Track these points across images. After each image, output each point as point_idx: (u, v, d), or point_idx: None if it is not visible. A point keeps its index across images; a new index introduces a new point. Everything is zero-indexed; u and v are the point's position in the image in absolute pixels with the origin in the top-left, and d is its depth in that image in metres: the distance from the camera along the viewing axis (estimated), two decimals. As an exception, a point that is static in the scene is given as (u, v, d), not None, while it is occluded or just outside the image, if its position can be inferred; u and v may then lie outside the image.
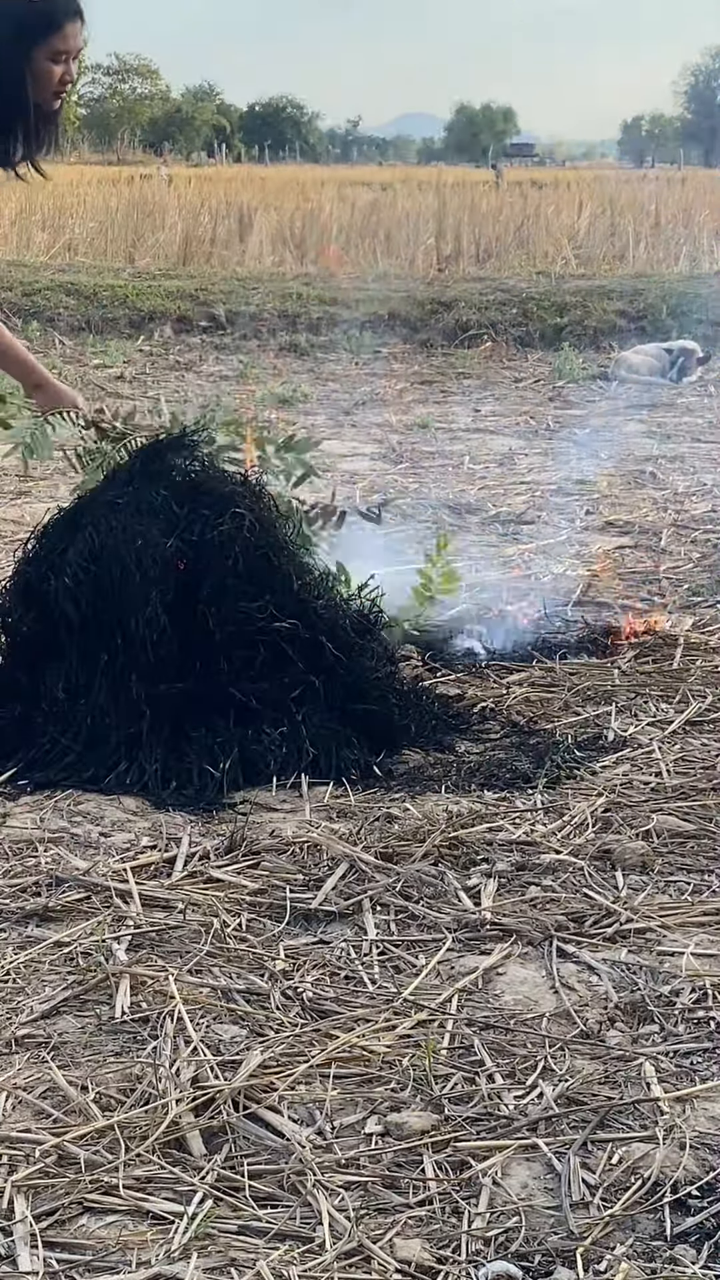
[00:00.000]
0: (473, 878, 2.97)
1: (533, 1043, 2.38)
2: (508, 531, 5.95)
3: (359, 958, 2.66)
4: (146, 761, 3.40)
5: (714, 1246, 1.91)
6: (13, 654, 3.63)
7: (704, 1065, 2.33)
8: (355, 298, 12.60)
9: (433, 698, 3.84)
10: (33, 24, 3.67)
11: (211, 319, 12.12)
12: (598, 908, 2.84)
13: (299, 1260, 1.88)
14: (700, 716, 3.86)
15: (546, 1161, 2.09)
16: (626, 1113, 2.20)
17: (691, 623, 4.64)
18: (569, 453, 7.73)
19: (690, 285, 13.41)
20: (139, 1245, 1.91)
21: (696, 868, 3.04)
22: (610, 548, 5.67)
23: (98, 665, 3.47)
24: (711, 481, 6.96)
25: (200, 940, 2.68)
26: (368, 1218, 1.97)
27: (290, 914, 2.81)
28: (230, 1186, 2.02)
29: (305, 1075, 2.26)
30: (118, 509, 3.53)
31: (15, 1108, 2.19)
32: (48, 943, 2.67)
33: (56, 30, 3.67)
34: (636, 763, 3.56)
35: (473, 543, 5.73)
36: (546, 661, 4.28)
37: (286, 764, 3.45)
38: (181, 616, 3.48)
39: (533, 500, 6.50)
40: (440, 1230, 1.94)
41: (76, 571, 3.49)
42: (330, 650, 3.58)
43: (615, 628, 4.53)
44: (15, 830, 3.15)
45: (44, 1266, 1.87)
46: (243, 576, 3.51)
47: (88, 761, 3.41)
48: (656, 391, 9.89)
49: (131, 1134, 2.12)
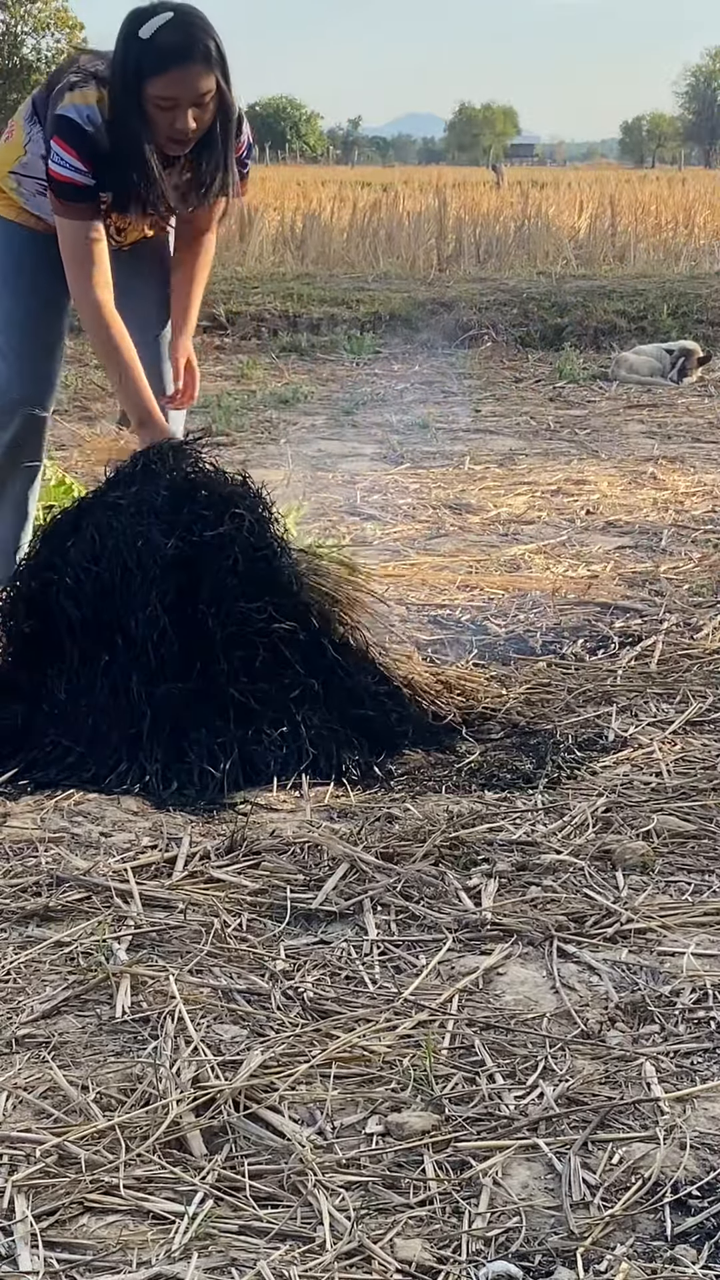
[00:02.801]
0: (473, 878, 2.97)
1: (533, 1043, 2.39)
2: (508, 531, 5.96)
3: (359, 958, 2.66)
4: (147, 762, 3.40)
5: (715, 1246, 1.92)
6: (14, 655, 3.63)
7: (704, 1065, 2.33)
8: (355, 298, 12.60)
9: (432, 698, 3.84)
10: (135, 65, 3.55)
11: (211, 319, 12.12)
12: (598, 908, 2.84)
13: (299, 1260, 1.88)
14: (700, 716, 3.86)
15: (547, 1161, 2.09)
16: (627, 1113, 2.20)
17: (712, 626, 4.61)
18: (569, 453, 7.73)
19: (690, 285, 13.41)
20: (139, 1245, 1.91)
21: (697, 868, 3.04)
22: (610, 548, 5.67)
23: (99, 666, 3.47)
24: (711, 481, 6.96)
25: (201, 940, 2.69)
26: (368, 1218, 1.97)
27: (291, 914, 2.81)
28: (231, 1186, 2.02)
29: (306, 1075, 2.26)
30: (119, 510, 3.53)
31: (15, 1108, 2.19)
32: (48, 943, 2.67)
33: (158, 74, 3.55)
34: (637, 763, 3.56)
35: (473, 543, 5.73)
36: (547, 661, 4.28)
37: (287, 764, 3.45)
38: (182, 617, 3.48)
39: (533, 500, 6.50)
40: (441, 1230, 1.94)
41: (78, 572, 3.49)
42: (332, 652, 3.59)
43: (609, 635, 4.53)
44: (15, 830, 3.15)
45: (44, 1266, 1.87)
46: (243, 577, 3.51)
47: (88, 762, 3.41)
48: (657, 391, 9.89)
49: (132, 1134, 2.12)
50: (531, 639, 4.48)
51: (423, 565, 5.34)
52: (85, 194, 3.67)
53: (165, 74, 3.53)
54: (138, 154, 3.61)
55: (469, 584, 5.09)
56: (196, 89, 3.55)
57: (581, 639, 4.51)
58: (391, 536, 5.80)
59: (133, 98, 3.55)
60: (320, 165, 47.91)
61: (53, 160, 3.65)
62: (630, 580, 5.19)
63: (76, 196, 3.67)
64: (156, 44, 3.52)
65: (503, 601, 4.89)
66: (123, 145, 3.61)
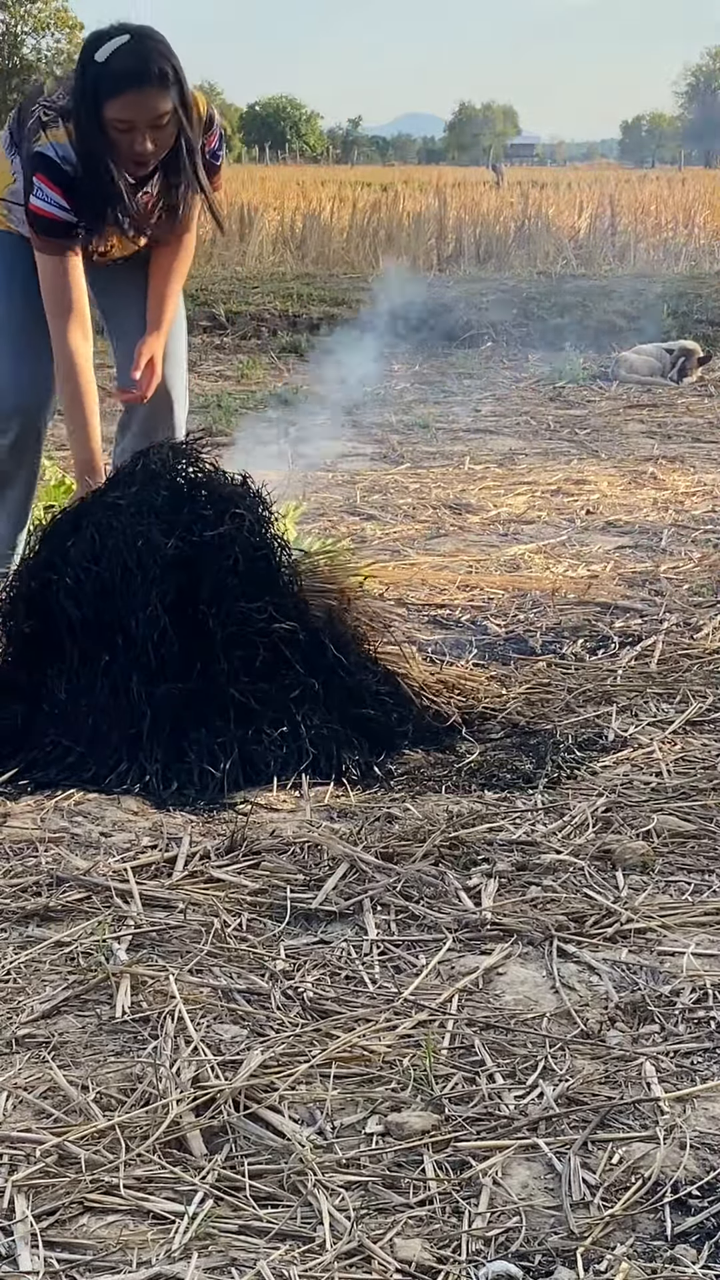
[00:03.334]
0: (473, 878, 2.97)
1: (533, 1043, 2.39)
2: (508, 531, 5.96)
3: (359, 958, 2.66)
4: (147, 762, 3.40)
5: (715, 1246, 1.92)
6: (14, 655, 3.63)
7: (705, 1065, 2.33)
8: (356, 298, 12.60)
9: (432, 698, 3.84)
10: (93, 89, 3.57)
11: (212, 319, 12.13)
12: (598, 908, 2.84)
13: (299, 1260, 1.88)
14: (700, 716, 3.86)
15: (547, 1161, 2.09)
16: (627, 1113, 2.20)
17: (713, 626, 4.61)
18: (569, 453, 7.73)
19: (690, 285, 13.42)
20: (139, 1245, 1.91)
21: (697, 868, 3.04)
22: (610, 548, 5.67)
23: (99, 666, 3.47)
24: (711, 481, 6.96)
25: (201, 940, 2.69)
26: (368, 1218, 1.97)
27: (291, 914, 2.81)
28: (231, 1186, 2.02)
29: (306, 1075, 2.26)
30: (119, 510, 3.53)
31: (16, 1108, 2.19)
32: (48, 943, 2.67)
33: (113, 97, 3.56)
34: (637, 763, 3.56)
35: (473, 543, 5.73)
36: (547, 661, 4.28)
37: (287, 764, 3.45)
38: (182, 617, 3.48)
39: (533, 500, 6.50)
40: (440, 1230, 1.94)
41: (78, 572, 3.49)
42: (332, 652, 3.59)
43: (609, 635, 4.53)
44: (15, 830, 3.15)
45: (44, 1266, 1.87)
46: (243, 577, 3.51)
47: (89, 762, 3.41)
48: (657, 391, 9.89)
49: (132, 1134, 2.12)
50: (531, 639, 4.48)
51: (423, 565, 5.34)
52: (64, 228, 3.76)
53: (120, 96, 3.57)
54: (106, 178, 3.68)
55: (469, 584, 5.09)
56: (153, 111, 3.59)
57: (581, 639, 4.50)
58: (391, 536, 5.80)
59: (94, 121, 3.61)
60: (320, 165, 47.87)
61: (35, 195, 3.74)
62: (630, 580, 5.19)
63: (57, 231, 3.76)
64: (112, 68, 3.56)
65: (503, 601, 4.89)
66: (91, 172, 3.67)
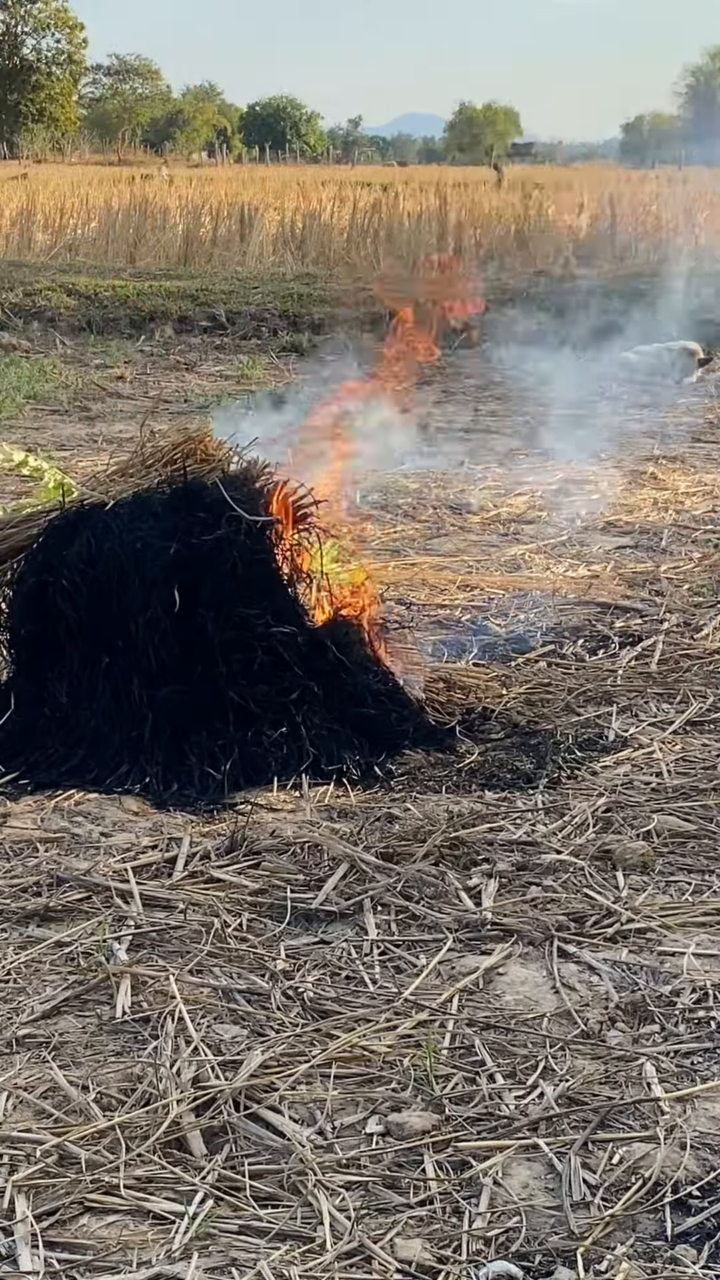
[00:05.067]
0: (473, 878, 2.97)
1: (533, 1043, 2.39)
2: (508, 531, 5.95)
3: (360, 958, 2.66)
4: (148, 763, 3.40)
5: (715, 1246, 1.92)
6: (17, 660, 3.63)
7: (704, 1065, 2.33)
8: (355, 298, 12.60)
9: (433, 697, 3.84)
10: None
11: (212, 319, 12.12)
12: (598, 908, 2.84)
13: (299, 1260, 1.88)
14: (700, 716, 3.86)
15: (547, 1161, 2.09)
16: (627, 1113, 2.20)
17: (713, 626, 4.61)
18: (569, 453, 7.73)
19: (691, 285, 13.40)
20: (140, 1245, 1.91)
21: (697, 868, 3.04)
22: (610, 548, 5.67)
23: (99, 669, 3.47)
24: (711, 481, 6.96)
25: (201, 940, 2.69)
26: (368, 1218, 1.97)
27: (291, 914, 2.81)
28: (231, 1186, 2.02)
29: (306, 1075, 2.26)
30: (116, 513, 3.53)
31: (16, 1108, 2.19)
32: (48, 943, 2.67)
33: None
34: (637, 763, 3.56)
35: (473, 543, 5.73)
36: (547, 661, 4.28)
37: (287, 765, 3.45)
38: (181, 621, 3.48)
39: (533, 500, 6.50)
40: (441, 1230, 1.95)
41: (76, 576, 3.49)
42: (334, 653, 3.58)
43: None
44: (16, 830, 3.15)
45: (44, 1266, 1.88)
46: (241, 581, 3.51)
47: (90, 764, 3.41)
48: (657, 391, 9.88)
49: (132, 1134, 2.12)
50: (532, 639, 4.48)
51: (423, 565, 5.34)
52: None
53: None
54: None
55: (469, 584, 5.09)
56: None
57: (581, 639, 4.50)
58: (391, 536, 5.80)
59: None
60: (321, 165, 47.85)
61: None
62: (630, 580, 5.19)
63: None
64: None
65: (503, 601, 4.89)
66: None
